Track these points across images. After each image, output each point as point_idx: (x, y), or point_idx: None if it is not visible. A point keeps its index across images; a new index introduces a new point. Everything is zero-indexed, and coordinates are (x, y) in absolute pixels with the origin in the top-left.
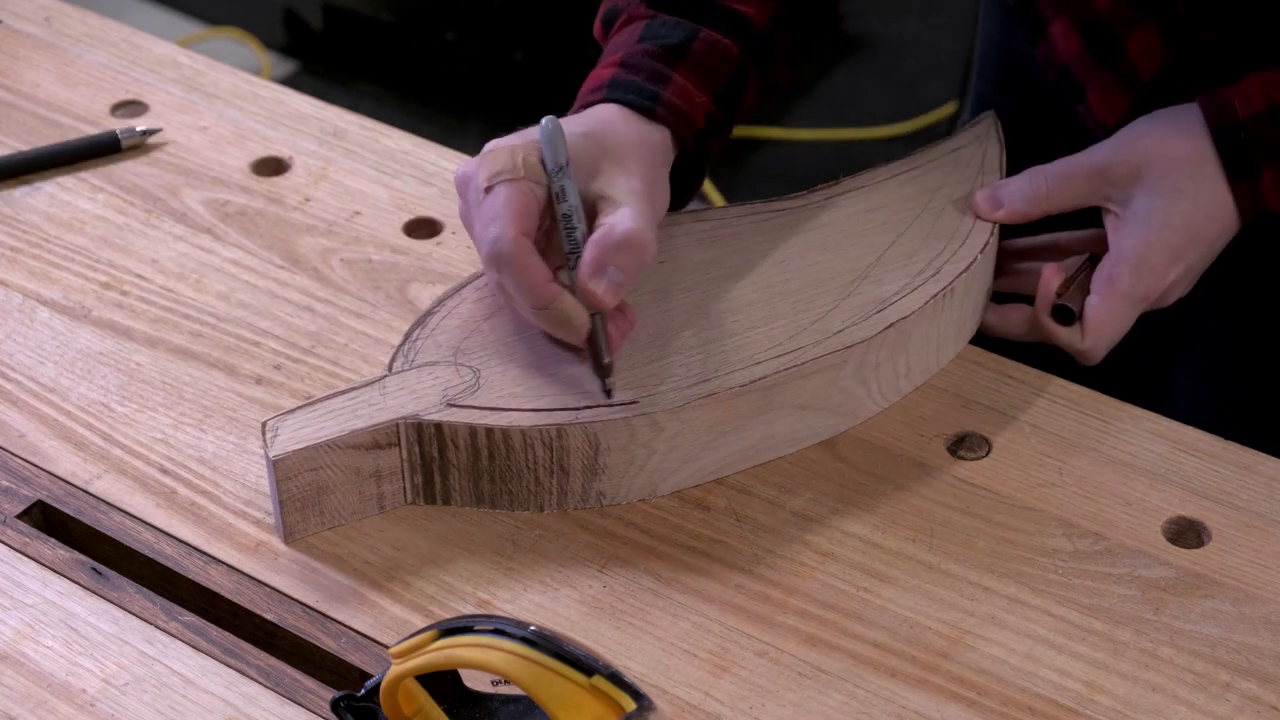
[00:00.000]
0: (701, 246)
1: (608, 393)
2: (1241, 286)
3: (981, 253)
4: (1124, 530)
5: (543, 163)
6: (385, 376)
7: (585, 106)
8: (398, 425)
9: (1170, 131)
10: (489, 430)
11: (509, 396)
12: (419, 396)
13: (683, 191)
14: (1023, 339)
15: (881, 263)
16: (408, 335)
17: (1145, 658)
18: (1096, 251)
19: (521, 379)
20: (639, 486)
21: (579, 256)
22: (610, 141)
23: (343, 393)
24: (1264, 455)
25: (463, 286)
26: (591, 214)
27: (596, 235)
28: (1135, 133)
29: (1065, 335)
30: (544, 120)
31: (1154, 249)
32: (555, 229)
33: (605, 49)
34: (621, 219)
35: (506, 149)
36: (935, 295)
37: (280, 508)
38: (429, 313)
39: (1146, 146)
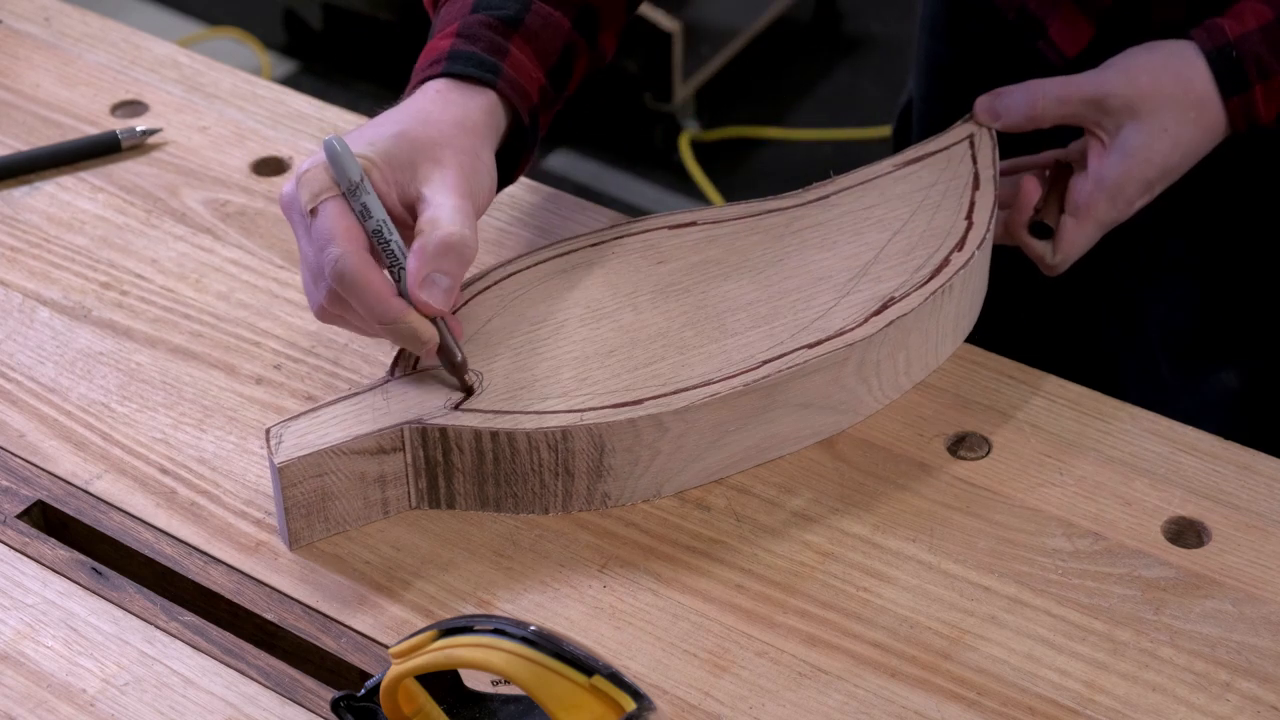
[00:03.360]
0: (699, 247)
1: (469, 390)
2: (1210, 210)
3: (979, 249)
4: (1124, 530)
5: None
6: (388, 381)
7: (422, 81)
8: (402, 430)
9: (1167, 69)
10: (494, 433)
11: (513, 399)
12: (423, 400)
13: (512, 168)
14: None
15: (879, 260)
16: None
17: (1145, 658)
18: (1065, 160)
19: (525, 381)
20: (644, 488)
21: (402, 268)
22: (424, 136)
23: (346, 397)
24: (1264, 455)
25: (465, 287)
26: (414, 215)
27: (416, 245)
28: (1134, 67)
29: (1038, 248)
30: (326, 140)
31: (1131, 182)
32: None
33: (436, 20)
34: (437, 223)
35: (321, 166)
36: (934, 292)
37: (285, 514)
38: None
39: (1144, 84)
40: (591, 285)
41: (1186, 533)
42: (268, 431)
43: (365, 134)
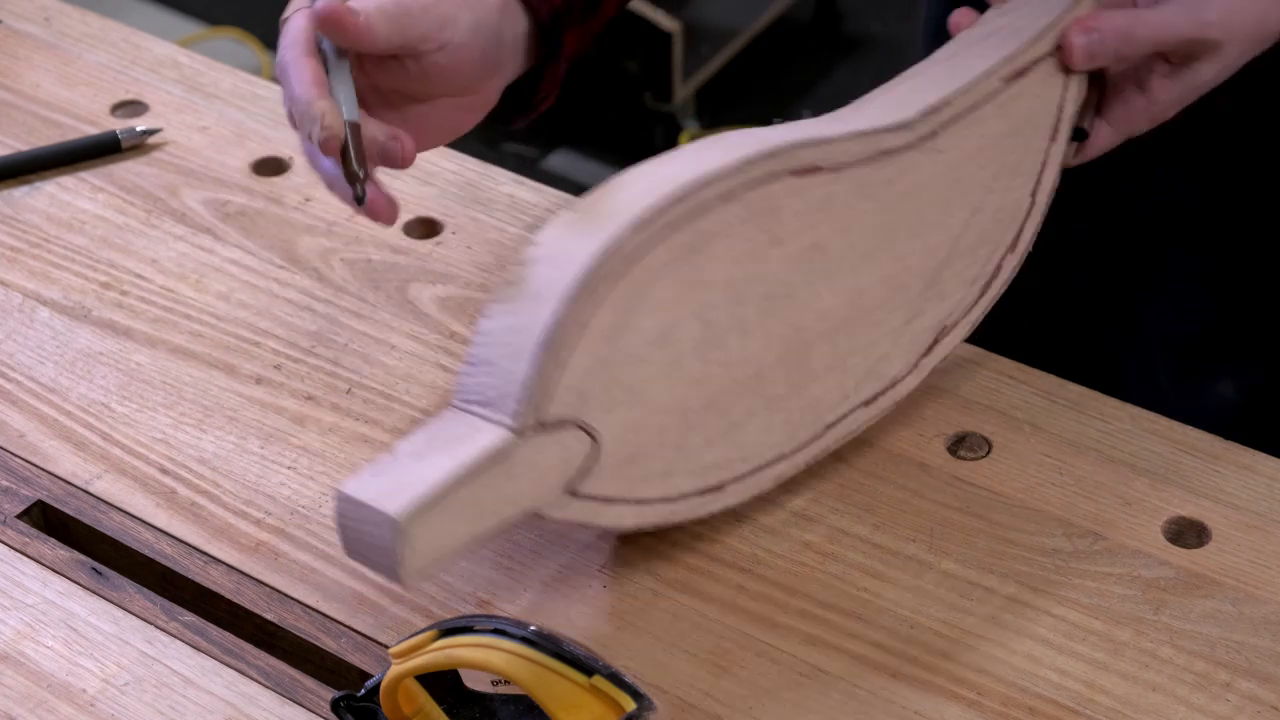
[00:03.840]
0: (812, 218)
1: (359, 200)
2: (1210, 219)
3: (1026, 250)
4: (1124, 530)
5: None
6: (514, 447)
7: None
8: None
9: (1254, 8)
10: (597, 525)
11: (619, 480)
12: (542, 478)
13: (536, 85)
14: None
15: (950, 259)
16: (536, 366)
17: (1145, 658)
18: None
19: (632, 447)
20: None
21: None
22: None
23: (473, 477)
24: (1264, 455)
25: (590, 273)
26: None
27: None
28: (1232, 8)
29: (1065, 150)
30: None
31: (1179, 106)
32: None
33: None
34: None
35: None
36: (977, 320)
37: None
38: (560, 324)
39: (1235, 27)
40: (711, 277)
41: (1186, 533)
42: (397, 523)
43: None
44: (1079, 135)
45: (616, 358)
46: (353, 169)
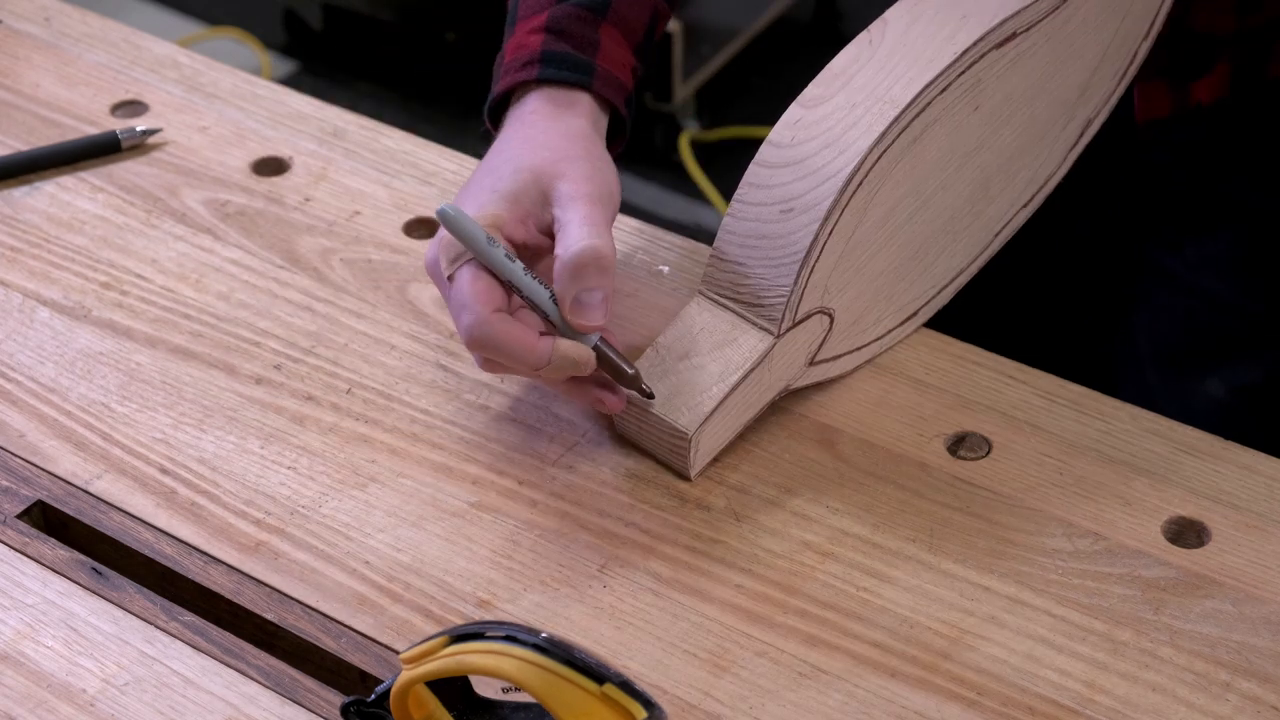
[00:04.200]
0: (1005, 78)
1: (649, 395)
2: (1195, 219)
3: (1157, 31)
4: (1124, 530)
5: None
6: (774, 345)
7: (515, 85)
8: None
9: None
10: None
11: (845, 339)
12: (791, 362)
13: (614, 149)
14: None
15: (1100, 66)
16: (797, 279)
17: (1145, 658)
18: None
19: (856, 311)
20: None
21: (551, 303)
22: (541, 162)
23: (746, 381)
24: (1264, 455)
25: (846, 184)
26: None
27: (555, 270)
28: None
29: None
30: (439, 211)
31: None
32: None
33: (516, 4)
34: (567, 243)
35: (449, 240)
36: (1114, 103)
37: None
38: (816, 240)
39: None
40: (930, 157)
41: (1186, 533)
42: (689, 438)
43: (485, 183)
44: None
45: (853, 249)
46: (625, 375)
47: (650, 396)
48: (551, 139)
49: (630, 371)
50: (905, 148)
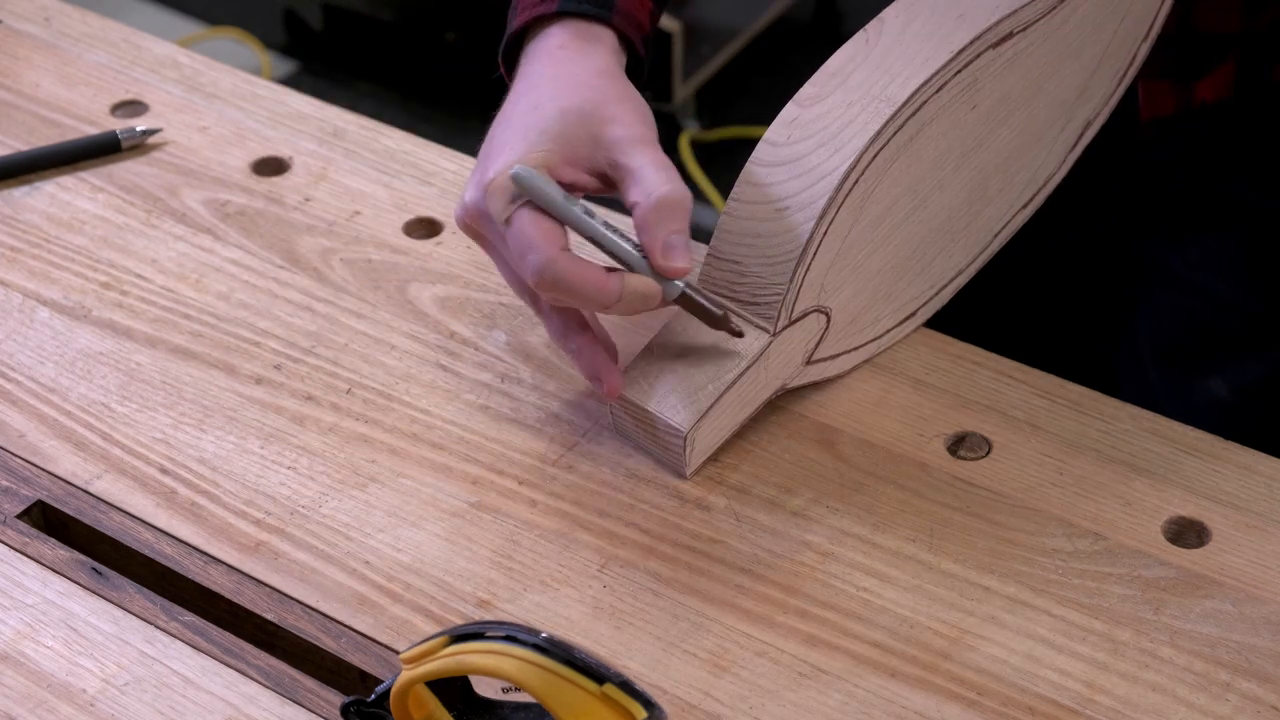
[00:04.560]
0: (1002, 77)
1: (738, 334)
2: (1196, 217)
3: (1157, 33)
4: (1124, 530)
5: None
6: (770, 344)
7: (533, 19)
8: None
9: None
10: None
11: (842, 339)
12: (788, 361)
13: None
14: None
15: (1100, 65)
16: (793, 277)
17: (1145, 658)
18: None
19: (854, 310)
20: None
21: (615, 243)
22: (585, 103)
23: (740, 379)
24: (1264, 455)
25: (843, 179)
26: (610, 182)
27: (638, 217)
28: None
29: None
30: (513, 173)
31: None
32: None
33: None
34: (647, 189)
35: (502, 182)
36: (1113, 105)
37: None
38: (811, 238)
39: None
40: (924, 156)
41: (1186, 533)
42: (685, 438)
43: (529, 121)
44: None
45: (849, 248)
46: (714, 315)
47: (739, 335)
48: (588, 78)
49: (719, 313)
50: (901, 146)
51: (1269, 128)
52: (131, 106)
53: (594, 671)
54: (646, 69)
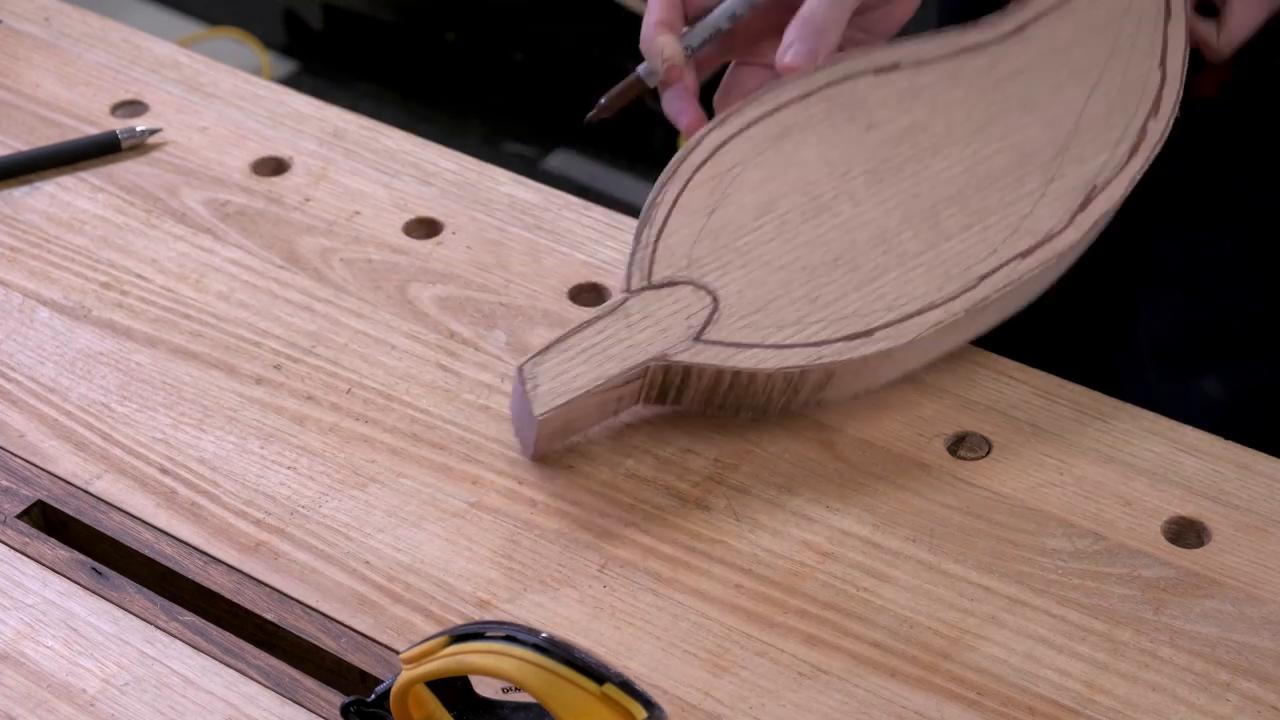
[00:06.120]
0: (904, 103)
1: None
2: (1198, 213)
3: (1173, 112)
4: (1124, 530)
5: None
6: (626, 299)
7: None
8: (647, 365)
9: None
10: (735, 371)
11: (750, 327)
12: (664, 329)
13: None
14: None
15: (1080, 128)
16: (638, 240)
17: (1145, 658)
18: None
19: (760, 302)
20: (856, 389)
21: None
22: None
23: (590, 324)
24: (1264, 455)
25: (679, 165)
26: None
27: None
28: None
29: (1203, 29)
30: None
31: None
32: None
33: None
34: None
35: None
36: (1135, 176)
37: (535, 444)
38: (653, 205)
39: None
40: (806, 159)
41: (1186, 533)
42: (521, 370)
43: None
44: (1207, 8)
45: (720, 228)
46: (624, 89)
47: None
48: None
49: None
50: (765, 142)
51: (1268, 125)
52: (131, 106)
53: (594, 671)
54: None
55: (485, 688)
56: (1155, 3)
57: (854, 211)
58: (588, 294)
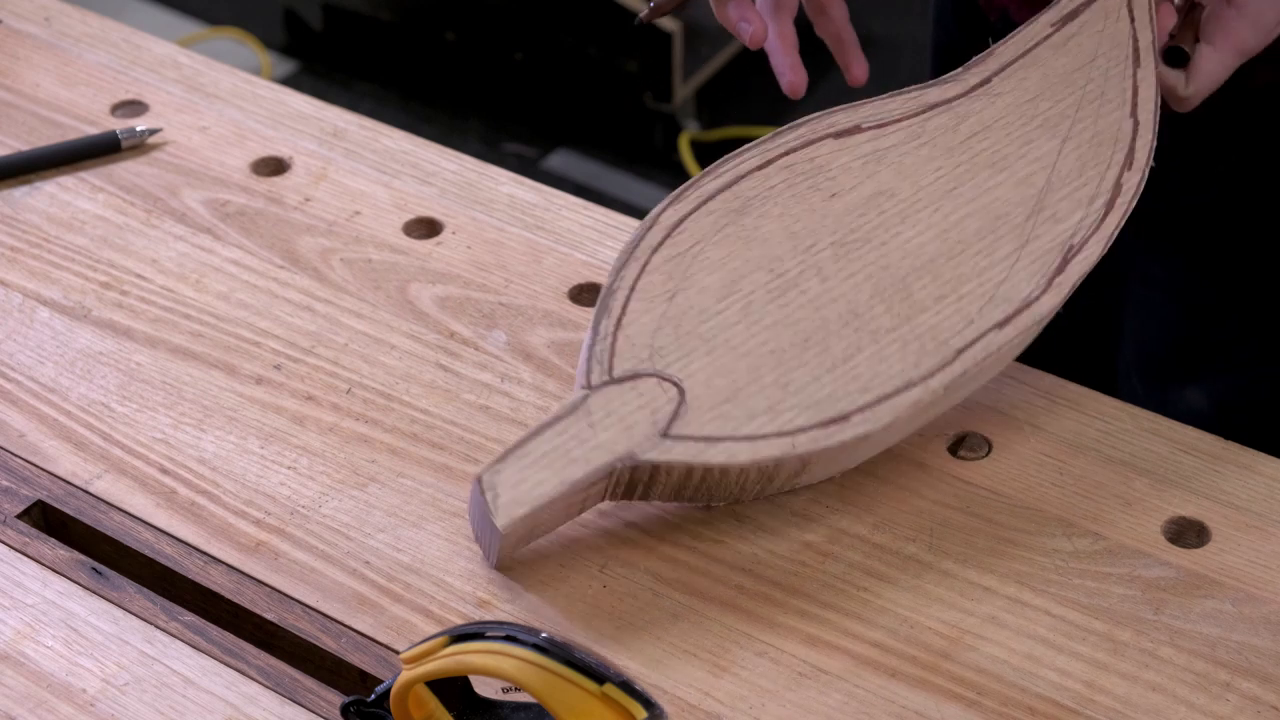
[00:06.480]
0: (867, 168)
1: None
2: (1180, 225)
3: (1147, 164)
4: (1124, 530)
5: None
6: (587, 397)
7: None
8: (613, 467)
9: None
10: (707, 466)
11: (720, 418)
12: (629, 426)
13: None
14: None
15: (1053, 184)
16: (595, 331)
17: (1145, 658)
18: None
19: (728, 391)
20: (832, 472)
21: None
22: None
23: (548, 427)
24: (1264, 455)
25: (635, 246)
26: None
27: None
28: None
29: (1171, 78)
30: None
31: (1273, 5)
32: None
33: None
34: None
35: None
36: (1112, 233)
37: (498, 554)
38: (610, 291)
39: None
40: (769, 233)
41: (1186, 533)
42: (479, 480)
43: None
44: (1177, 59)
45: (682, 313)
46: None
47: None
48: None
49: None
50: (725, 218)
51: (1251, 136)
52: (131, 106)
53: (594, 671)
54: None
55: (485, 688)
56: (1123, 49)
57: (822, 288)
58: (587, 294)
